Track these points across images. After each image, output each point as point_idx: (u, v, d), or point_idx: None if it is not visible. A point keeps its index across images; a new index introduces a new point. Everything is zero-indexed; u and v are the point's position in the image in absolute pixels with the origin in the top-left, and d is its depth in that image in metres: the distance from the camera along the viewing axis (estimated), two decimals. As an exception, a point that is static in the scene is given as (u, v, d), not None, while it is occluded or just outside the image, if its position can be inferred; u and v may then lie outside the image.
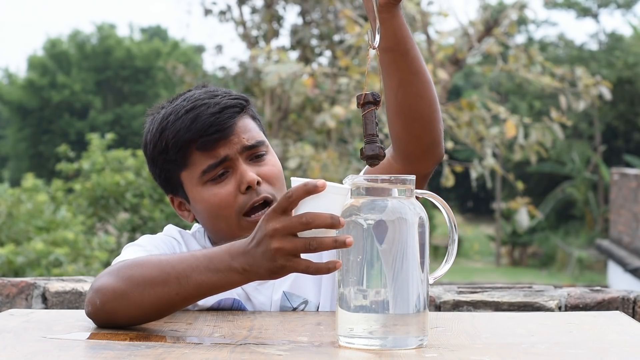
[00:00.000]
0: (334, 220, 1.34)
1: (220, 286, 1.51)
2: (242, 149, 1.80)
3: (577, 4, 30.63)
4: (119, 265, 1.58)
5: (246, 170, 1.79)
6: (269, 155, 1.85)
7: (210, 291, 1.52)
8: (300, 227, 1.36)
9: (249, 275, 1.45)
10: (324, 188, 1.36)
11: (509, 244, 25.20)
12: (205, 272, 1.50)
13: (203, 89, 1.88)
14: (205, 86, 1.91)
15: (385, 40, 1.65)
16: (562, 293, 2.33)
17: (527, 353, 1.38)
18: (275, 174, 1.83)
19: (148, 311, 1.55)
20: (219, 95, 1.84)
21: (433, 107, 1.73)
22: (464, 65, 10.94)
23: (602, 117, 26.75)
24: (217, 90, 1.88)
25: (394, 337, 1.37)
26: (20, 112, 35.05)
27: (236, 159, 1.79)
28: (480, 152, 10.00)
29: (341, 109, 9.41)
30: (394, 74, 1.69)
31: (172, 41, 38.15)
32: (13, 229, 9.97)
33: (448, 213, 1.46)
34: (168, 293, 1.52)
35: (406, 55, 1.67)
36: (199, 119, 1.77)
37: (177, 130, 1.78)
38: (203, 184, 1.79)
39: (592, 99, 10.17)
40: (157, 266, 1.54)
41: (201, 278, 1.50)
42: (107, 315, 1.56)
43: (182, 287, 1.52)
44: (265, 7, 13.72)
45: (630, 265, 12.19)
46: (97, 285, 1.57)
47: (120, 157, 12.37)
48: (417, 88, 1.70)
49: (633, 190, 13.21)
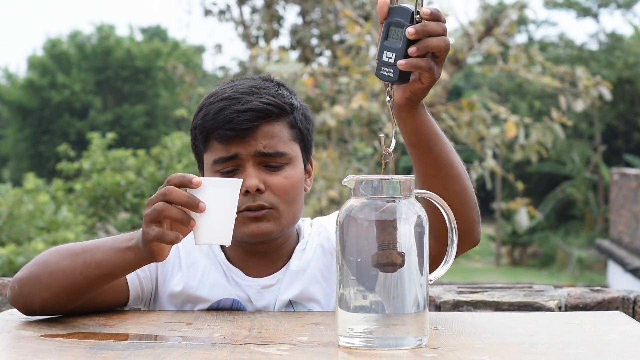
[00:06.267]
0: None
1: (116, 264, 1.60)
2: (255, 153, 1.77)
3: (577, 3, 30.62)
4: (43, 252, 1.68)
5: (250, 174, 1.77)
6: (288, 168, 1.80)
7: (109, 271, 1.61)
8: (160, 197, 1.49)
9: (138, 252, 1.56)
10: (198, 186, 1.48)
11: (509, 244, 25.18)
12: (107, 251, 1.61)
13: (258, 81, 1.84)
14: (268, 79, 1.87)
15: (407, 136, 1.60)
16: (562, 293, 2.33)
17: (527, 353, 1.38)
18: (285, 186, 1.78)
19: (57, 293, 1.63)
20: (259, 93, 1.79)
21: (462, 198, 1.66)
22: (464, 66, 10.94)
23: (602, 117, 26.74)
24: (267, 87, 1.82)
25: (393, 337, 1.37)
26: (20, 112, 35.04)
27: (247, 160, 1.77)
28: (480, 153, 10.00)
29: (341, 108, 9.41)
30: (419, 166, 1.64)
31: (172, 41, 38.13)
32: (14, 229, 9.97)
33: (448, 213, 1.46)
34: (72, 272, 1.61)
35: (429, 151, 1.61)
36: (223, 111, 1.76)
37: (205, 115, 1.79)
38: (213, 172, 1.79)
39: (592, 99, 10.17)
40: (71, 249, 1.65)
41: (102, 256, 1.60)
42: (24, 300, 1.66)
43: (85, 266, 1.61)
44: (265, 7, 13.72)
45: (630, 265, 12.19)
46: (18, 272, 1.67)
47: (121, 157, 12.37)
48: (443, 181, 1.63)
49: (633, 190, 13.21)
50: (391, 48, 1.48)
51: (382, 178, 1.39)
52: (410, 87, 1.53)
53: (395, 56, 1.47)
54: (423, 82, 1.51)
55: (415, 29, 1.45)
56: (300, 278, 1.83)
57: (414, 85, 1.52)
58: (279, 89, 1.84)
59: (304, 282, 1.83)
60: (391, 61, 1.48)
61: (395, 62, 1.47)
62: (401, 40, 1.47)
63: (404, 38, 1.47)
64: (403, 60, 1.46)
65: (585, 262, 22.15)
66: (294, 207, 1.81)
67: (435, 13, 1.47)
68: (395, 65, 1.47)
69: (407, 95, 1.54)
